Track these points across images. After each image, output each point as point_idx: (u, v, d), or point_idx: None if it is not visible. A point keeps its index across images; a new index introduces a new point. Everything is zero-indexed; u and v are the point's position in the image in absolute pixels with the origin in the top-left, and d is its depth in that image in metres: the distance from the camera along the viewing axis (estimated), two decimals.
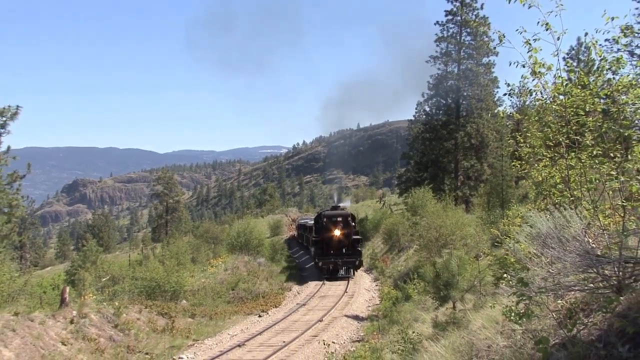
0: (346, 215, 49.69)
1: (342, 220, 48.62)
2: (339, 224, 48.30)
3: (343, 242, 47.82)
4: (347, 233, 48.03)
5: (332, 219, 48.88)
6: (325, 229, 48.56)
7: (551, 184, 8.89)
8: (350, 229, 48.41)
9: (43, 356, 19.95)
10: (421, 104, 65.66)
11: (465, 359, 7.56)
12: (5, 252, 27.86)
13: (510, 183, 47.30)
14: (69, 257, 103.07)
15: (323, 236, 48.67)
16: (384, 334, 21.10)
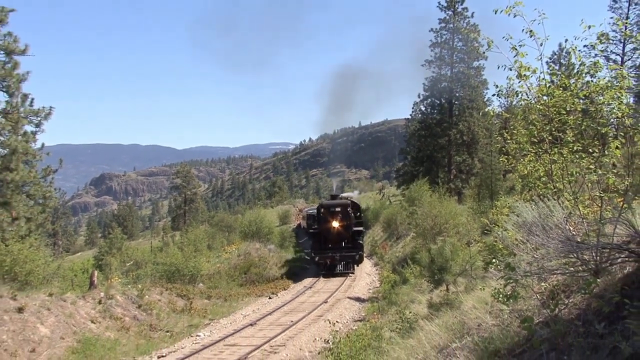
0: (345, 205, 42.09)
1: (341, 211, 41.26)
2: (338, 215, 40.95)
3: (342, 235, 41.11)
4: (347, 225, 40.93)
5: (329, 210, 41.63)
6: (323, 220, 41.57)
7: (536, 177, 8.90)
8: (349, 220, 41.16)
9: (75, 333, 20.06)
10: (417, 104, 65.92)
11: (458, 336, 7.58)
12: (40, 239, 28.00)
13: (499, 176, 47.26)
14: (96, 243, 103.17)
15: (321, 228, 41.84)
16: (383, 314, 21.13)
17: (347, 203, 42.92)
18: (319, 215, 42.27)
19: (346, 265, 40.06)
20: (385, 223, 55.88)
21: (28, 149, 27.87)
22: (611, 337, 4.23)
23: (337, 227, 40.67)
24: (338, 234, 40.92)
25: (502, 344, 5.70)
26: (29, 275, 23.07)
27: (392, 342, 11.28)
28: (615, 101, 7.40)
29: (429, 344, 7.97)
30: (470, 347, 6.25)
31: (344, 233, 40.96)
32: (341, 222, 40.72)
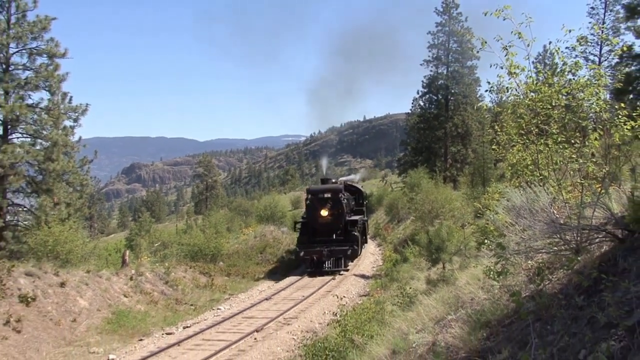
0: (337, 191, 32.91)
1: (332, 198, 32.26)
2: (327, 202, 32.16)
3: (332, 226, 32.25)
4: (338, 213, 32.09)
5: (317, 196, 32.69)
6: (310, 208, 32.84)
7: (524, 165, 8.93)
8: (341, 208, 32.22)
9: (109, 305, 20.25)
10: (416, 100, 65.99)
11: (453, 309, 7.62)
12: (78, 222, 28.18)
13: (490, 165, 47.23)
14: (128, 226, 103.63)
15: (308, 218, 33.35)
16: (386, 289, 21.18)
17: (338, 188, 33.68)
18: (306, 203, 33.90)
19: (336, 261, 30.92)
20: (388, 207, 56.01)
21: (67, 142, 28.03)
22: (589, 308, 4.27)
23: (326, 217, 31.98)
24: (327, 225, 32.10)
25: (492, 315, 5.75)
26: (69, 254, 23.25)
27: (394, 315, 11.34)
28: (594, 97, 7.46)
29: (427, 316, 8.02)
30: (464, 319, 6.30)
31: (334, 223, 32.16)
32: (331, 211, 32.03)
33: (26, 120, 27.45)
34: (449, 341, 5.84)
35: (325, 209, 32.04)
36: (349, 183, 41.91)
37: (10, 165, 26.34)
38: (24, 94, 27.89)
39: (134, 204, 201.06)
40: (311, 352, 11.19)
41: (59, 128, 28.04)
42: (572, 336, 4.07)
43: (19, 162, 26.80)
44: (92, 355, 16.11)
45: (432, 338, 6.62)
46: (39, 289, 18.33)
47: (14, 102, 27.00)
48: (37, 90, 28.18)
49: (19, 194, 28.17)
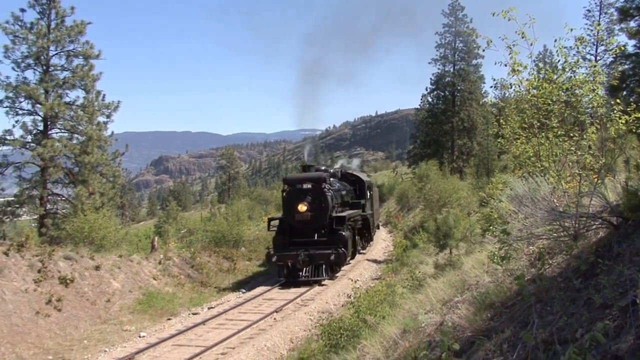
0: (319, 180, 24.50)
1: (313, 189, 24.16)
2: (306, 195, 24.11)
3: (313, 223, 24.02)
4: (320, 208, 23.96)
5: (295, 187, 24.64)
6: (287, 202, 24.78)
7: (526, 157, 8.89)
8: (324, 201, 23.98)
9: (140, 287, 20.44)
10: (425, 96, 65.88)
11: (459, 291, 7.63)
12: (111, 210, 28.42)
13: (494, 157, 47.08)
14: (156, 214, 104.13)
15: (285, 214, 24.95)
16: (396, 273, 21.18)
17: (321, 177, 24.85)
18: (282, 195, 25.96)
19: (316, 269, 23.09)
20: (398, 197, 55.96)
21: (101, 136, 28.30)
22: (586, 290, 4.27)
23: (305, 212, 23.87)
24: (306, 223, 23.95)
25: (496, 297, 5.75)
26: (103, 239, 23.44)
27: (404, 297, 11.35)
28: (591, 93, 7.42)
29: (435, 298, 8.03)
30: (470, 300, 6.30)
31: (315, 221, 23.93)
32: (312, 206, 23.95)
33: (64, 116, 27.74)
34: (455, 321, 5.85)
35: (304, 203, 23.78)
36: (347, 171, 34.05)
37: (50, 158, 26.67)
38: (62, 93, 28.21)
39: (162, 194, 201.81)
40: (327, 331, 11.23)
41: (94, 124, 28.29)
42: (571, 316, 4.07)
43: (57, 155, 27.14)
44: (125, 333, 16.28)
45: (439, 318, 6.63)
46: (77, 272, 18.55)
47: (53, 100, 27.27)
48: (73, 89, 28.51)
49: (58, 185, 28.52)
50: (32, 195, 27.61)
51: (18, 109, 27.40)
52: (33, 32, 27.23)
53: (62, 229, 25.01)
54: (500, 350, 4.24)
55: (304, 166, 28.15)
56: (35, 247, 19.23)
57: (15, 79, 27.24)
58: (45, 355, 14.14)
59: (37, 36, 27.16)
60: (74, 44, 28.25)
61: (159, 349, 14.11)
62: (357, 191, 31.01)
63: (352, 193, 30.26)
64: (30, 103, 27.39)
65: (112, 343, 15.21)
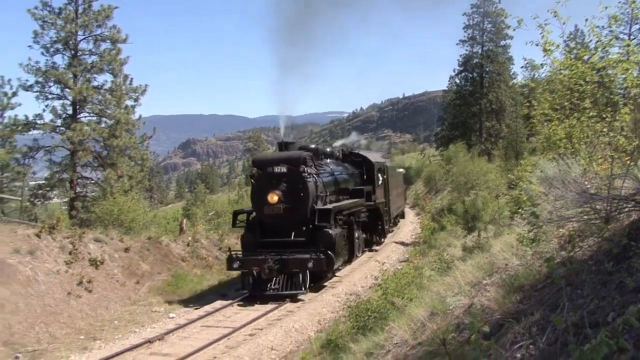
0: (296, 161, 18.62)
1: (288, 173, 18.37)
2: (280, 182, 18.30)
3: (288, 218, 18.18)
4: (298, 198, 18.21)
5: (266, 171, 18.78)
6: (256, 190, 19.01)
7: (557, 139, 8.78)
8: (304, 190, 18.21)
9: (169, 269, 20.69)
10: (453, 77, 65.12)
11: (488, 274, 7.59)
12: (140, 193, 28.74)
13: (523, 139, 46.60)
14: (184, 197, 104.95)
15: (254, 205, 19.30)
16: (424, 256, 21.08)
17: (299, 157, 18.87)
18: (250, 181, 20.52)
19: (289, 279, 17.24)
20: (426, 179, 55.84)
21: (129, 120, 28.53)
22: (618, 274, 4.23)
23: (276, 204, 17.90)
24: (277, 218, 18.10)
25: (525, 280, 5.71)
26: (132, 222, 23.70)
27: (432, 279, 11.33)
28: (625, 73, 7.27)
29: (463, 281, 8.00)
30: (499, 283, 6.27)
31: (291, 215, 18.07)
32: (286, 195, 18.05)
33: (92, 100, 28.03)
34: (484, 303, 5.82)
35: (275, 192, 17.87)
36: (351, 150, 27.68)
37: (79, 141, 27.00)
38: (90, 77, 28.50)
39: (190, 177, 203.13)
40: (354, 313, 11.26)
41: (121, 107, 28.54)
42: (602, 300, 4.03)
43: (86, 138, 27.47)
44: (154, 314, 16.48)
45: (468, 301, 6.61)
46: (107, 254, 18.82)
47: (81, 84, 27.56)
48: (101, 73, 28.79)
49: (87, 168, 28.89)
50: (62, 178, 28.03)
51: (48, 94, 27.78)
52: (61, 17, 27.48)
53: (92, 212, 25.35)
54: (530, 333, 4.21)
55: (281, 144, 20.85)
56: (66, 229, 19.52)
57: (45, 63, 27.60)
58: (77, 335, 14.40)
59: (65, 21, 27.41)
60: (101, 29, 28.50)
61: (188, 329, 14.28)
62: (363, 175, 25.39)
63: (357, 178, 24.79)
64: (60, 87, 27.74)
65: (141, 324, 15.42)
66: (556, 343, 3.82)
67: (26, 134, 27.82)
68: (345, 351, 8.49)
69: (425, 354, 5.33)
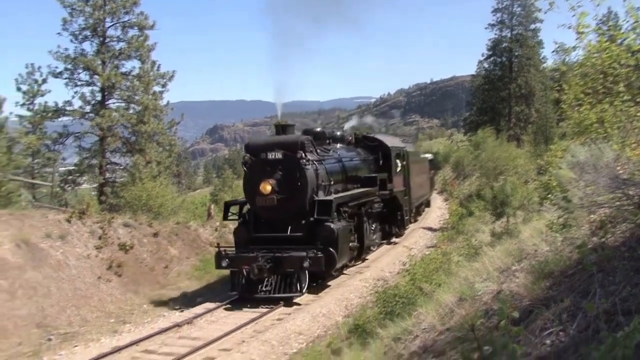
0: (294, 146, 16.40)
1: (284, 160, 16.27)
2: (275, 169, 16.23)
3: (283, 211, 16.08)
4: (295, 188, 16.13)
5: (259, 157, 16.68)
6: (248, 179, 16.95)
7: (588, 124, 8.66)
8: (303, 179, 16.12)
9: (197, 253, 20.93)
10: (481, 62, 64.36)
11: (517, 260, 7.54)
12: (168, 178, 28.97)
13: (553, 124, 46.04)
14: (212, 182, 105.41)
15: (246, 196, 17.35)
16: (452, 241, 21.00)
17: (297, 141, 16.83)
18: (243, 169, 17.99)
19: (283, 280, 15.42)
20: (454, 164, 55.56)
21: (156, 106, 28.71)
22: None
23: (269, 195, 15.95)
24: (271, 210, 16.23)
25: (555, 266, 5.66)
26: (160, 207, 23.89)
27: (460, 265, 11.28)
28: None
29: (492, 266, 7.95)
30: (528, 269, 6.22)
31: (286, 207, 16.09)
32: (281, 185, 16.11)
33: (120, 87, 28.26)
34: (513, 289, 5.79)
35: (269, 181, 15.87)
36: (365, 134, 25.66)
37: (108, 127, 27.30)
38: (118, 64, 28.74)
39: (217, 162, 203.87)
40: (382, 298, 11.26)
41: (149, 93, 28.70)
42: (635, 287, 3.99)
43: (115, 124, 27.76)
44: (182, 298, 16.68)
45: (496, 287, 6.57)
46: (136, 239, 19.05)
47: (110, 71, 27.79)
48: (129, 59, 28.97)
49: (116, 154, 29.21)
50: (92, 164, 28.40)
51: (77, 80, 28.07)
52: (89, 5, 27.67)
53: (121, 197, 25.62)
54: (560, 320, 4.18)
55: (278, 126, 18.95)
56: (96, 214, 19.79)
57: (74, 50, 27.87)
58: (108, 318, 14.64)
59: (93, 8, 27.61)
60: (128, 15, 28.62)
61: (216, 313, 14.43)
62: (379, 161, 23.31)
63: (372, 164, 22.83)
64: (88, 74, 27.99)
65: (170, 308, 15.62)
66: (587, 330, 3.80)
67: (56, 120, 28.14)
68: (373, 336, 8.51)
69: (454, 340, 5.32)
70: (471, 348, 3.22)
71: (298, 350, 11.48)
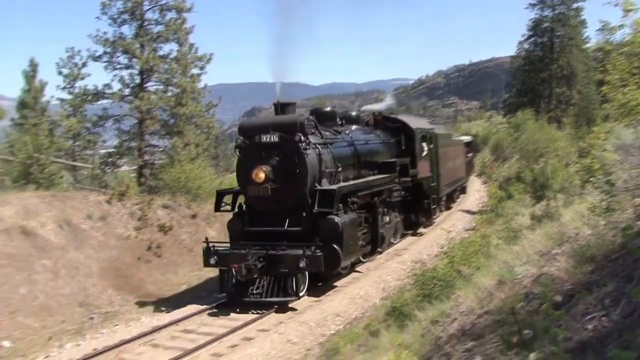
0: (292, 127, 14.14)
1: (281, 143, 14.08)
2: (271, 154, 14.03)
3: (278, 202, 13.89)
4: (293, 176, 13.91)
5: (253, 140, 14.51)
6: (241, 164, 14.94)
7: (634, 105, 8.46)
8: (302, 166, 13.82)
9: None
10: (521, 43, 63.16)
11: (557, 243, 7.43)
12: (206, 160, 29.18)
13: (595, 105, 45.11)
14: None
15: (239, 183, 15.17)
16: (491, 224, 20.80)
17: (294, 122, 14.55)
18: (237, 155, 15.72)
19: (278, 283, 13.26)
20: (493, 147, 55.00)
21: (194, 88, 28.86)
22: None
23: (262, 184, 13.71)
24: (265, 201, 14.03)
25: (598, 250, 5.57)
26: (198, 189, 24.06)
27: (499, 248, 11.18)
28: None
29: (532, 250, 7.86)
30: (569, 253, 6.14)
31: (283, 198, 13.95)
32: (276, 172, 13.92)
33: (159, 70, 28.45)
34: (554, 273, 5.71)
35: (262, 168, 13.73)
36: (385, 115, 23.01)
37: (146, 110, 27.55)
38: (157, 46, 28.87)
39: None
40: (420, 280, 11.24)
41: (187, 76, 28.84)
42: None
43: (154, 107, 27.99)
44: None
45: (537, 270, 6.50)
46: (174, 220, 19.33)
47: (148, 54, 28.00)
48: (167, 42, 29.07)
49: (154, 136, 29.46)
50: (131, 146, 28.75)
51: (116, 64, 28.34)
52: None
53: (160, 179, 25.91)
54: (602, 305, 4.12)
55: (277, 105, 16.48)
56: (135, 196, 20.10)
57: (112, 34, 28.12)
58: (148, 298, 14.91)
59: None
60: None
61: None
62: (401, 145, 21.10)
63: (393, 148, 20.61)
64: (127, 57, 28.25)
65: (209, 289, 15.81)
66: (632, 315, 3.73)
67: (96, 103, 28.53)
68: (411, 319, 8.50)
69: (493, 323, 5.29)
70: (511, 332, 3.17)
71: (335, 331, 11.55)
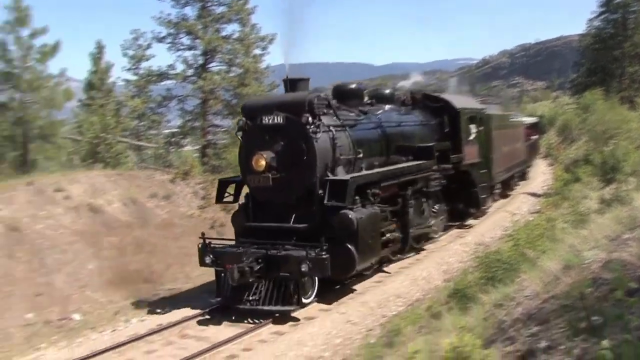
0: (299, 106, 11.88)
1: (287, 126, 11.87)
2: (275, 138, 11.95)
3: (282, 194, 11.91)
4: (299, 163, 11.75)
5: (256, 122, 12.46)
6: (243, 150, 12.99)
7: None
8: (310, 152, 11.66)
9: None
10: (591, 20, 60.97)
11: (628, 228, 7.20)
12: None
13: None
14: None
15: (241, 171, 13.40)
16: (557, 207, 20.32)
17: (301, 100, 12.11)
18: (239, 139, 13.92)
19: (278, 288, 11.22)
20: (560, 128, 53.64)
21: (257, 69, 29.06)
22: None
23: (263, 172, 11.66)
24: (267, 192, 12.08)
25: None
26: None
27: (566, 232, 10.91)
28: None
29: (600, 234, 7.63)
30: None
31: (287, 189, 11.91)
32: (280, 159, 11.88)
33: (222, 50, 28.74)
34: (624, 259, 5.53)
35: (262, 155, 11.81)
36: (425, 93, 20.32)
37: (210, 90, 27.90)
38: (219, 27, 29.15)
39: None
40: (484, 263, 11.09)
41: (250, 56, 29.04)
42: None
43: (217, 87, 28.32)
44: None
45: (605, 255, 6.30)
46: None
47: (211, 34, 28.30)
48: (230, 23, 29.29)
49: (218, 116, 29.89)
50: (194, 126, 29.22)
51: (179, 45, 28.78)
52: None
53: (223, 159, 26.26)
54: None
55: (286, 81, 13.83)
56: (198, 175, 20.43)
57: (176, 16, 28.52)
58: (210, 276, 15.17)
59: None
60: None
61: None
62: (444, 127, 18.53)
63: (434, 130, 18.27)
64: (190, 38, 28.66)
65: None
66: None
67: (160, 84, 29.10)
68: (474, 301, 8.41)
69: (559, 308, 5.16)
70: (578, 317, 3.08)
71: (397, 313, 11.53)
